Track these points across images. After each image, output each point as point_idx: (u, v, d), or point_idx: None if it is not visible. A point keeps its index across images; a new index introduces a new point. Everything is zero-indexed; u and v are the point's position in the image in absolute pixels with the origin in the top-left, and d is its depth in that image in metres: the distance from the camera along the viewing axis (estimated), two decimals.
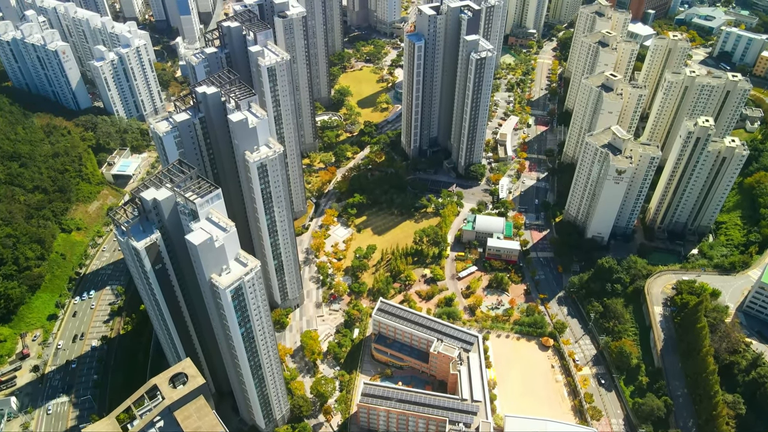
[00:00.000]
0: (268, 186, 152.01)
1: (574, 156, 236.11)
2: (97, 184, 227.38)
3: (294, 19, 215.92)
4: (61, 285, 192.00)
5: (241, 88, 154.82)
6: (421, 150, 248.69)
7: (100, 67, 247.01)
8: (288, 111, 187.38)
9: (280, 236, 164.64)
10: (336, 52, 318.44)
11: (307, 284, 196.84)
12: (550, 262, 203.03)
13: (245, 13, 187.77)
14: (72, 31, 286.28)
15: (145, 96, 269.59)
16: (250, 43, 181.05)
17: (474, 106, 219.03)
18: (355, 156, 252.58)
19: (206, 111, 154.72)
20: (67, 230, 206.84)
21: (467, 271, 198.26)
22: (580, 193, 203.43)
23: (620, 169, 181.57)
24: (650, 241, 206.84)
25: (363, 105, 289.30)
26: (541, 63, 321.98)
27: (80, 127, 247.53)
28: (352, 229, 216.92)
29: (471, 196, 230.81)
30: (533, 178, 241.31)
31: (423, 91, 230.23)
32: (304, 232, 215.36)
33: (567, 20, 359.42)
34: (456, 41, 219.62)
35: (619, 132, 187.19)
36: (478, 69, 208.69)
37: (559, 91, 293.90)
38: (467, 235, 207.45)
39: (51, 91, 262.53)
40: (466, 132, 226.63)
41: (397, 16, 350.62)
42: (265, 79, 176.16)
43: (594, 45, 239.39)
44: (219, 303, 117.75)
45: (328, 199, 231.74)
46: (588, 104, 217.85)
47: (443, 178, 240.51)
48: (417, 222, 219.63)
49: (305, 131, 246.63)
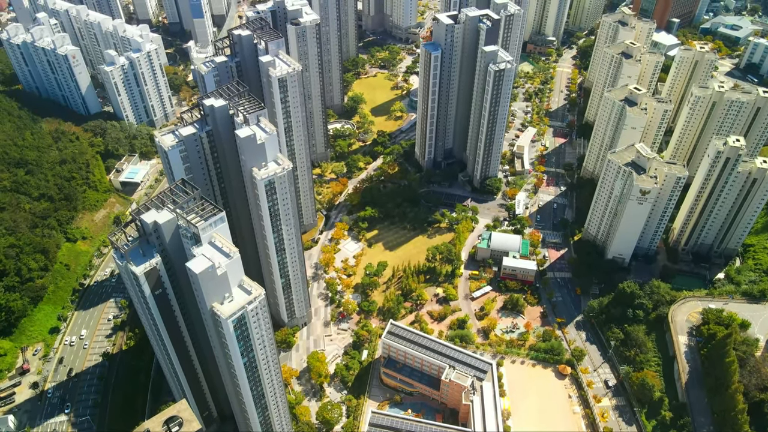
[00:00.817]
0: (276, 204, 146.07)
1: (594, 171, 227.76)
2: (104, 191, 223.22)
3: (307, 26, 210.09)
4: (65, 297, 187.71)
5: (251, 101, 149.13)
6: (436, 162, 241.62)
7: (110, 72, 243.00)
8: (299, 122, 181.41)
9: (287, 254, 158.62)
10: (350, 58, 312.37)
11: (316, 301, 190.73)
12: (568, 283, 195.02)
13: (257, 21, 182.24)
14: (84, 34, 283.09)
15: (156, 101, 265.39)
16: (261, 52, 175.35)
17: (491, 118, 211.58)
18: (367, 167, 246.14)
19: (213, 124, 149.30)
20: (72, 239, 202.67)
21: (481, 291, 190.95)
22: (601, 211, 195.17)
23: (644, 190, 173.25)
24: (674, 263, 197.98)
25: (376, 113, 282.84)
26: (560, 72, 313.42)
27: (89, 133, 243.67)
28: (363, 243, 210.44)
29: (486, 211, 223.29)
30: (551, 194, 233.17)
31: (438, 101, 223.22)
32: (313, 246, 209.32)
33: (587, 27, 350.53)
34: (474, 51, 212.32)
35: (643, 150, 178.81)
36: (496, 81, 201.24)
37: (578, 102, 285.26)
38: (482, 253, 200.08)
39: (61, 96, 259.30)
40: (483, 145, 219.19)
41: (413, 21, 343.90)
42: (276, 90, 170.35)
43: (617, 56, 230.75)
44: (221, 332, 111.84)
45: (339, 211, 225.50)
46: (610, 119, 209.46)
47: (458, 192, 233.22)
48: (430, 237, 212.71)
49: (317, 141, 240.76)
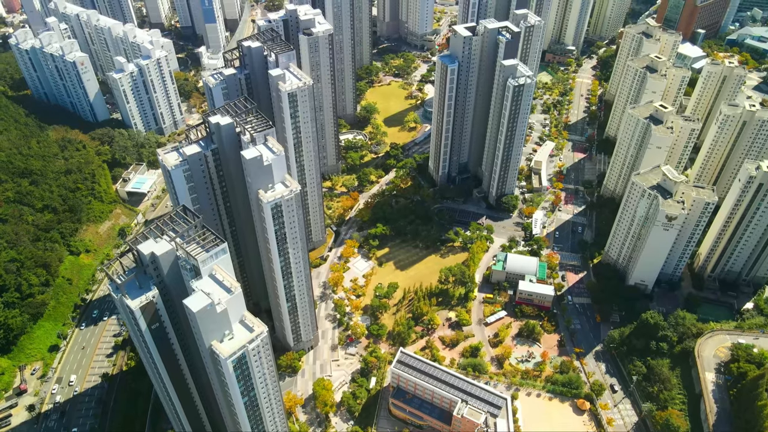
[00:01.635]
0: (283, 227, 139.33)
1: (615, 191, 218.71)
2: (109, 202, 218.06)
3: (320, 36, 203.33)
4: (66, 313, 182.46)
5: (258, 119, 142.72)
6: (450, 177, 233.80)
7: (119, 79, 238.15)
8: (309, 138, 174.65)
9: (294, 278, 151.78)
10: (363, 66, 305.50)
11: (323, 323, 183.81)
12: (587, 310, 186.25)
13: (267, 32, 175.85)
14: (94, 39, 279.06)
15: (165, 109, 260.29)
16: (272, 65, 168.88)
17: (509, 134, 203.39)
18: (379, 180, 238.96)
19: (219, 142, 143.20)
20: (75, 252, 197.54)
21: (496, 316, 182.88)
22: (623, 235, 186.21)
23: (671, 216, 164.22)
24: (699, 290, 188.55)
25: (390, 123, 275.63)
26: (579, 83, 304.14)
27: (96, 141, 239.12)
28: (374, 262, 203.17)
29: (502, 230, 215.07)
30: (569, 212, 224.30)
31: (454, 115, 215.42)
32: (322, 264, 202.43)
33: (608, 36, 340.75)
34: (492, 65, 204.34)
35: (670, 173, 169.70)
36: (515, 96, 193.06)
37: (598, 115, 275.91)
38: (497, 275, 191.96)
39: (69, 102, 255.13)
40: (499, 161, 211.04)
41: (428, 28, 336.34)
42: (286, 105, 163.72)
43: (641, 70, 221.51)
44: (220, 371, 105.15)
45: (349, 227, 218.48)
46: (634, 137, 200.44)
47: (472, 209, 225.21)
48: (443, 257, 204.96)
49: (328, 153, 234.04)
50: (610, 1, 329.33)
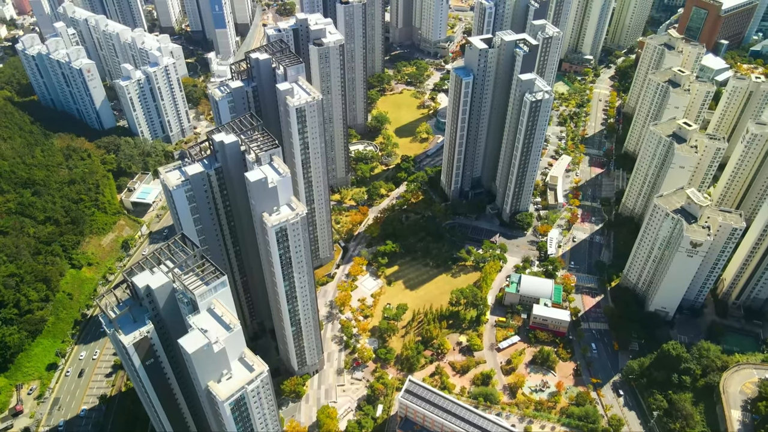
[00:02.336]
0: (288, 251, 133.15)
1: (634, 210, 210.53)
2: (113, 213, 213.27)
3: (331, 47, 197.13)
4: (65, 329, 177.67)
5: (265, 137, 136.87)
6: (462, 192, 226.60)
7: (126, 86, 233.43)
8: (317, 154, 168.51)
9: (299, 302, 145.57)
10: (375, 74, 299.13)
11: (329, 345, 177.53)
12: (604, 336, 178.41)
13: (276, 43, 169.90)
14: (102, 44, 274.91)
15: (172, 116, 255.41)
16: (280, 78, 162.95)
17: (525, 151, 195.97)
18: (389, 193, 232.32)
19: (223, 161, 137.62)
20: (77, 266, 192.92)
21: (509, 341, 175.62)
22: (643, 259, 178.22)
23: (696, 242, 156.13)
24: (722, 317, 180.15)
25: (401, 133, 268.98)
26: (597, 93, 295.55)
27: (102, 149, 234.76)
28: (382, 281, 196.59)
29: (515, 249, 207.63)
30: (586, 230, 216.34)
31: (468, 129, 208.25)
32: (329, 282, 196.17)
33: (627, 45, 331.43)
34: (508, 78, 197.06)
35: (695, 197, 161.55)
36: (532, 112, 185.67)
37: (617, 128, 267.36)
38: (510, 297, 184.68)
39: (75, 109, 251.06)
40: (514, 178, 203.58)
41: (442, 35, 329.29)
42: (294, 120, 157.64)
43: (663, 84, 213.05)
44: (217, 412, 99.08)
45: (358, 243, 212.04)
46: (655, 155, 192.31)
47: (485, 226, 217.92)
48: (454, 276, 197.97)
49: (337, 165, 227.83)
50: (630, 9, 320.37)
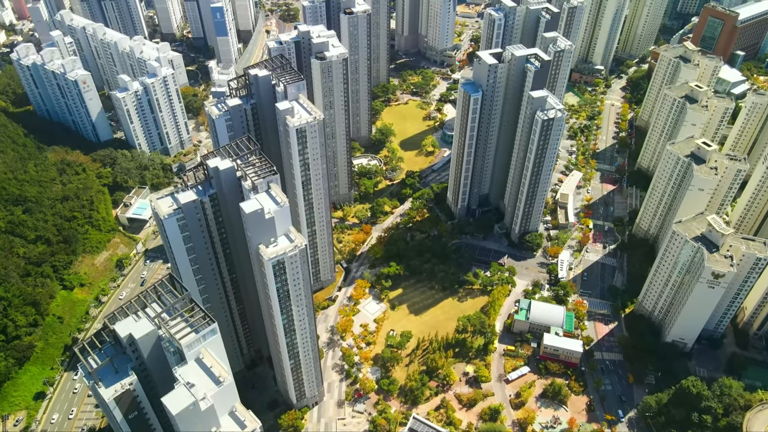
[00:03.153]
0: (286, 285, 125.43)
1: (649, 231, 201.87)
2: (108, 231, 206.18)
3: (333, 61, 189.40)
4: (54, 355, 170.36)
5: (262, 162, 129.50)
6: (469, 209, 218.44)
7: (123, 98, 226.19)
8: (318, 175, 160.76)
9: (298, 336, 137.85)
10: (380, 84, 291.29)
11: (329, 374, 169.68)
12: (619, 368, 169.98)
13: (277, 58, 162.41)
14: (100, 53, 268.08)
15: (171, 128, 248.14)
16: (280, 96, 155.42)
17: (536, 170, 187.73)
18: (393, 211, 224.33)
19: (219, 188, 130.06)
20: (68, 287, 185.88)
21: (518, 372, 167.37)
22: (660, 287, 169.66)
23: (718, 273, 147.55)
24: (743, 349, 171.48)
25: (406, 146, 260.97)
26: (608, 105, 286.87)
27: (97, 163, 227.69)
28: (386, 305, 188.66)
29: (524, 271, 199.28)
30: (598, 252, 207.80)
31: (476, 146, 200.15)
32: (330, 305, 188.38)
33: (638, 55, 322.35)
34: (518, 94, 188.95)
35: (716, 224, 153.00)
36: (543, 130, 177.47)
37: (629, 143, 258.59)
38: (519, 325, 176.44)
39: (71, 120, 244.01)
40: (524, 198, 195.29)
41: (449, 43, 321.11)
42: (294, 141, 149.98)
43: (680, 100, 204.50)
44: None
45: (361, 263, 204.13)
46: (672, 176, 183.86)
47: (493, 246, 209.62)
48: (461, 300, 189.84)
49: (339, 181, 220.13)
50: (642, 18, 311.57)
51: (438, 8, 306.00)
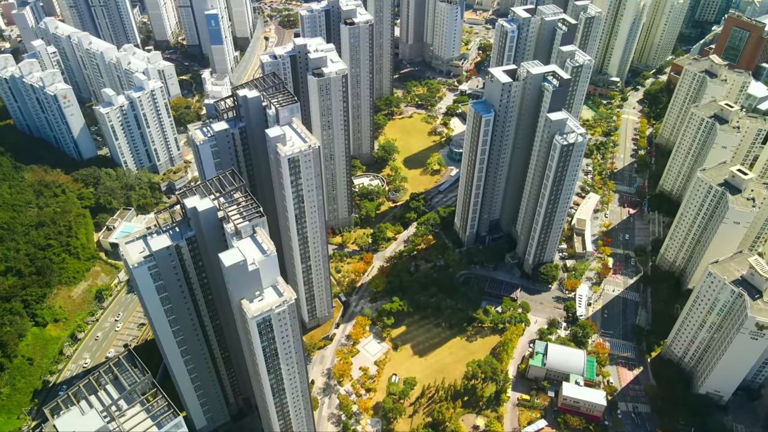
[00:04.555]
0: (273, 343, 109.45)
1: (675, 263, 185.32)
2: (87, 259, 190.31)
3: (332, 78, 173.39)
4: (22, 402, 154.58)
5: (248, 201, 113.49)
6: (479, 236, 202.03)
7: (107, 114, 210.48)
8: (314, 208, 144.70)
9: (288, 396, 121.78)
10: (383, 96, 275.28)
11: (325, 425, 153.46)
12: (646, 422, 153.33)
13: (269, 77, 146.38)
14: (86, 63, 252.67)
15: (159, 144, 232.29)
16: (271, 120, 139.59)
17: (552, 198, 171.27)
18: (397, 236, 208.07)
19: (197, 230, 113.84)
20: (41, 323, 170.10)
21: (534, 426, 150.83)
22: (692, 332, 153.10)
23: (762, 324, 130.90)
24: None
25: (410, 164, 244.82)
26: (625, 120, 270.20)
27: (79, 183, 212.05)
28: (388, 344, 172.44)
29: (539, 307, 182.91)
30: (619, 285, 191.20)
31: (487, 170, 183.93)
32: (327, 345, 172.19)
33: (655, 65, 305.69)
34: (534, 115, 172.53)
35: (759, 266, 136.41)
36: (562, 156, 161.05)
37: (649, 162, 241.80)
38: (535, 371, 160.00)
39: (53, 136, 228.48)
40: (539, 227, 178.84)
41: (456, 52, 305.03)
42: (286, 172, 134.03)
43: (708, 120, 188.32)
44: None
45: (361, 296, 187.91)
46: (703, 206, 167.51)
47: (504, 277, 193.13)
48: (469, 340, 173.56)
49: (339, 205, 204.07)
50: (660, 27, 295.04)
51: (444, 15, 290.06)
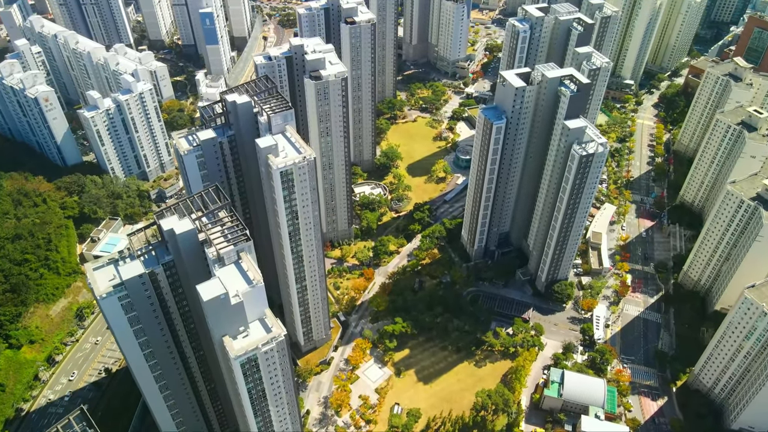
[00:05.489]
0: (260, 384, 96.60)
1: (700, 281, 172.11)
2: (68, 273, 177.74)
3: (331, 81, 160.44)
4: None
5: (233, 222, 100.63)
6: (487, 250, 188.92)
7: (91, 118, 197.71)
8: (309, 224, 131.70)
9: None
10: (386, 99, 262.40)
11: None
12: None
13: (261, 81, 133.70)
14: (73, 64, 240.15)
15: (149, 150, 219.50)
16: (263, 128, 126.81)
17: (569, 213, 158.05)
18: (400, 250, 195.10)
19: (176, 253, 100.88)
20: (15, 345, 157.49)
21: None
22: (724, 361, 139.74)
23: None
24: None
25: (414, 171, 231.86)
26: (640, 125, 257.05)
27: (62, 191, 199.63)
28: (390, 369, 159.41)
29: (553, 329, 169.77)
30: (639, 304, 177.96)
31: (497, 180, 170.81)
32: (324, 370, 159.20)
33: (670, 67, 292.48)
34: (549, 122, 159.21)
35: None
36: (581, 168, 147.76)
37: (667, 170, 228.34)
38: (551, 402, 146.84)
39: (35, 141, 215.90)
40: (554, 243, 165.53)
41: (462, 53, 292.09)
42: (278, 186, 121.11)
43: (736, 128, 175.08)
44: None
45: (361, 316, 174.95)
46: (733, 222, 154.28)
47: (515, 295, 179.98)
48: (478, 365, 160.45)
49: (338, 216, 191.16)
50: (677, 27, 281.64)
51: (450, 15, 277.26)
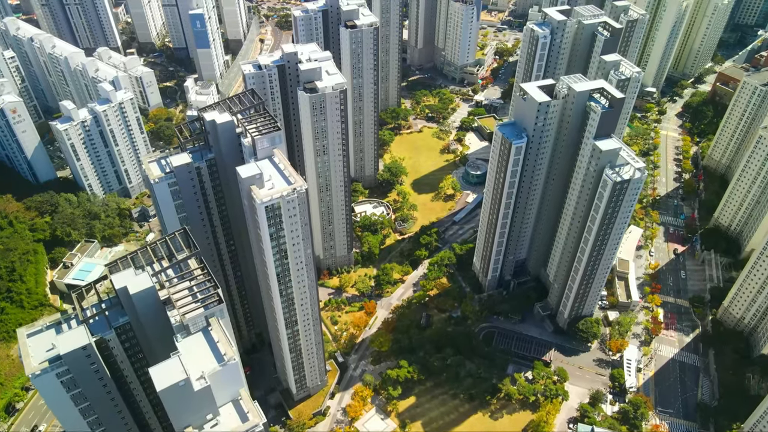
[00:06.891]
0: None
1: (743, 319, 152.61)
2: (34, 307, 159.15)
3: (327, 94, 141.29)
4: None
5: (205, 277, 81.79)
6: (502, 280, 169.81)
7: (65, 131, 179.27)
8: (300, 263, 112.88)
9: None
10: (389, 108, 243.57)
11: None
12: None
13: (246, 96, 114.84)
14: (50, 70, 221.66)
15: (131, 165, 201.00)
16: (247, 152, 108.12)
17: (599, 244, 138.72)
18: (404, 278, 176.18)
19: (133, 315, 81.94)
20: None
21: None
22: None
23: None
24: None
25: (420, 188, 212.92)
26: (664, 137, 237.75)
27: (32, 211, 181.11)
28: (394, 421, 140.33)
29: (578, 372, 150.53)
30: (673, 343, 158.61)
31: (515, 205, 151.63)
32: (319, 421, 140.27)
33: (694, 74, 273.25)
34: (575, 140, 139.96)
35: None
36: (614, 195, 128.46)
37: (696, 187, 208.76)
38: None
39: (4, 155, 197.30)
40: (579, 276, 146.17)
41: (470, 58, 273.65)
42: (263, 222, 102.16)
43: None
44: None
45: (361, 356, 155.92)
46: None
47: (533, 332, 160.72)
48: (494, 417, 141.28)
49: (336, 241, 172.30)
50: (701, 31, 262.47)
51: (458, 17, 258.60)
